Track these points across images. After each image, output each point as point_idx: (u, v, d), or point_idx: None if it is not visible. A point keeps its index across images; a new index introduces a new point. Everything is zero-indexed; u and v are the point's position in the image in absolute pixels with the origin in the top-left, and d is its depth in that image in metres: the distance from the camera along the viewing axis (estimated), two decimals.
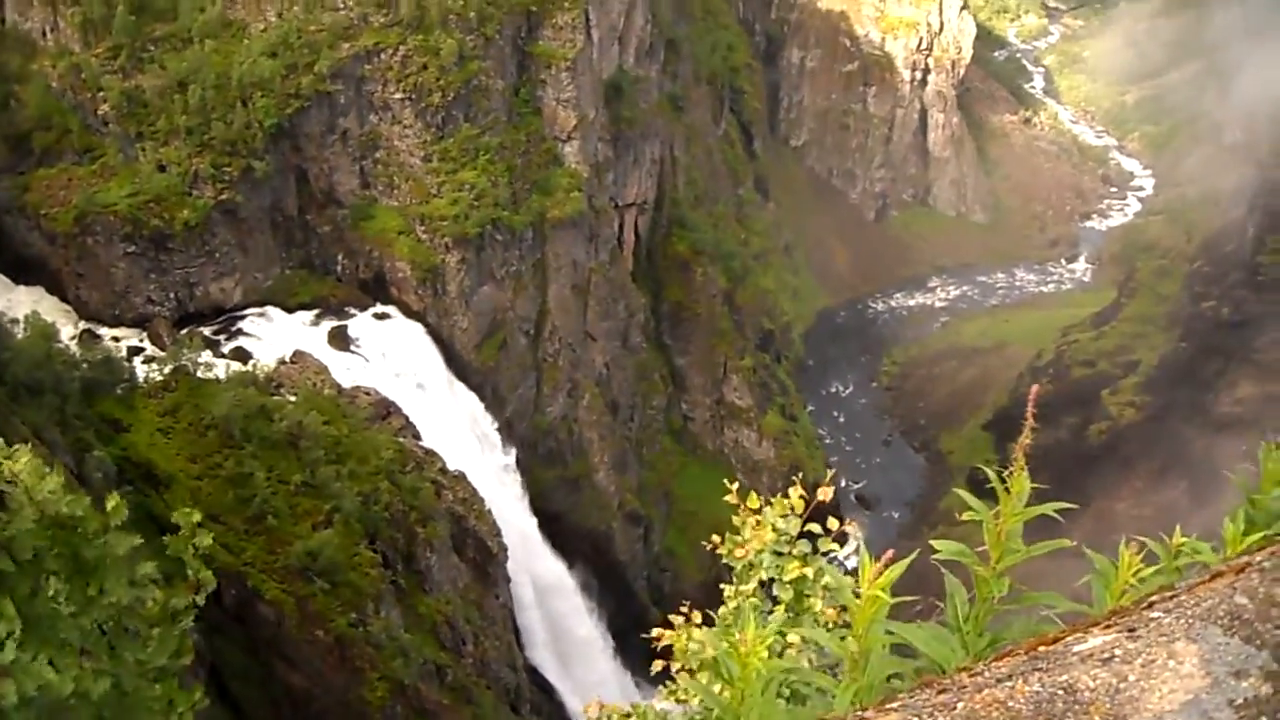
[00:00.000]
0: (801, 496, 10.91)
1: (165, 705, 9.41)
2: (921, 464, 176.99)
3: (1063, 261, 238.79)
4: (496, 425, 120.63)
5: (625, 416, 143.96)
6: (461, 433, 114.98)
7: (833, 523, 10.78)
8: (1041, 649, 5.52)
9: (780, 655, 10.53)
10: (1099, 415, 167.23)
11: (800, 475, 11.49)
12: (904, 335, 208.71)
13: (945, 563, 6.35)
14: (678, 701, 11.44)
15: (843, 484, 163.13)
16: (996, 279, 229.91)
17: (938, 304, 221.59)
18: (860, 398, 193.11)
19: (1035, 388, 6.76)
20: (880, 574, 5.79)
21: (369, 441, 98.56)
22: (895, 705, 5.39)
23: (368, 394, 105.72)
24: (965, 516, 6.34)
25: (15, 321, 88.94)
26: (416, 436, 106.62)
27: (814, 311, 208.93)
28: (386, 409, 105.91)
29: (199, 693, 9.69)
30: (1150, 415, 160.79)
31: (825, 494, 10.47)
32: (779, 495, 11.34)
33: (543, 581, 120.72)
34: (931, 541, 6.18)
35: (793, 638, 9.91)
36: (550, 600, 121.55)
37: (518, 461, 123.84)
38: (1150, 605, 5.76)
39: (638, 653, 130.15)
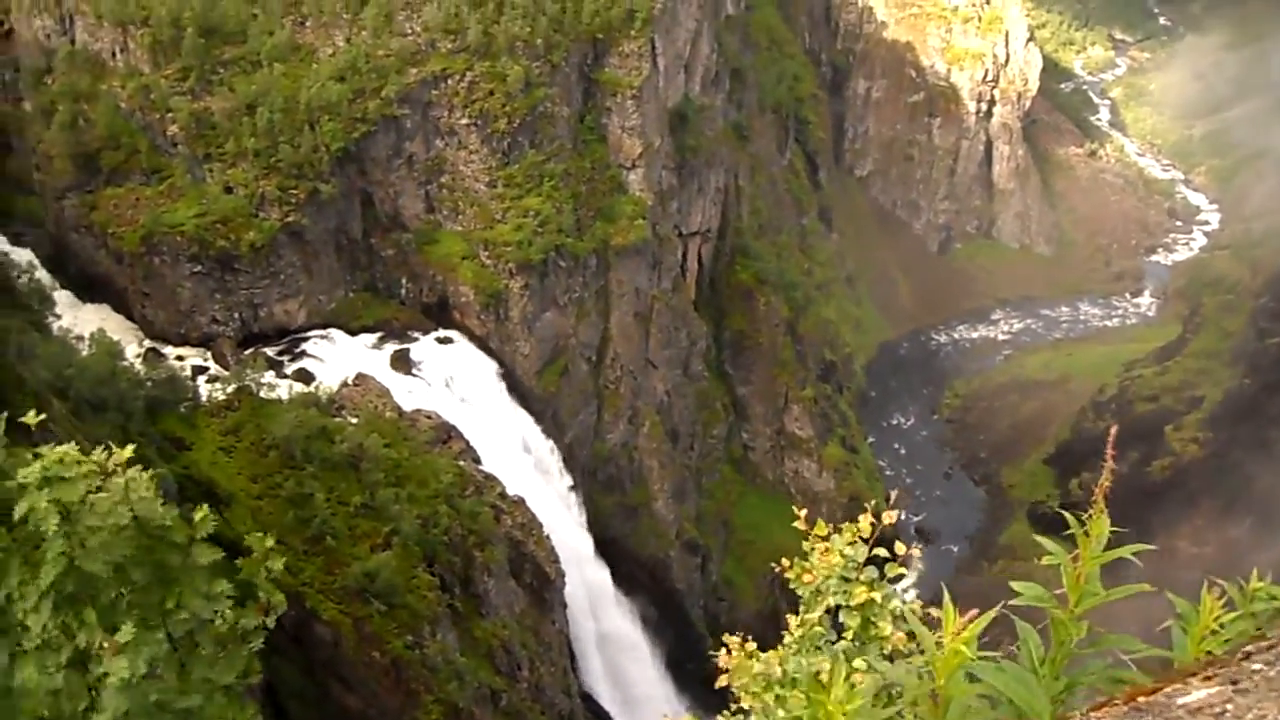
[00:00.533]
0: (871, 522, 10.76)
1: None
2: (982, 497, 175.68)
3: (1127, 295, 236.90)
4: (556, 451, 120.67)
5: (685, 445, 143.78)
6: (521, 458, 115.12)
7: (900, 547, 10.64)
8: (1141, 700, 5.35)
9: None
10: (1162, 451, 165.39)
11: (873, 502, 11.30)
12: (966, 368, 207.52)
13: (1017, 606, 6.22)
14: None
15: (903, 516, 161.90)
16: (1060, 312, 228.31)
17: (1000, 337, 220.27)
18: (921, 430, 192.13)
19: (1113, 429, 6.65)
20: (964, 629, 5.65)
21: (429, 465, 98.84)
22: None
23: (429, 417, 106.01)
24: (1045, 561, 6.20)
25: (81, 339, 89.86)
26: (476, 461, 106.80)
27: (876, 343, 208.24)
28: (447, 433, 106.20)
29: (253, 709, 9.73)
30: (1214, 451, 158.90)
31: (890, 518, 10.33)
32: (847, 522, 11.20)
33: (599, 608, 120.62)
34: (1012, 584, 6.05)
35: (858, 664, 9.77)
36: (607, 627, 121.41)
37: (577, 488, 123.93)
38: (1247, 655, 5.57)
39: (694, 682, 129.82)
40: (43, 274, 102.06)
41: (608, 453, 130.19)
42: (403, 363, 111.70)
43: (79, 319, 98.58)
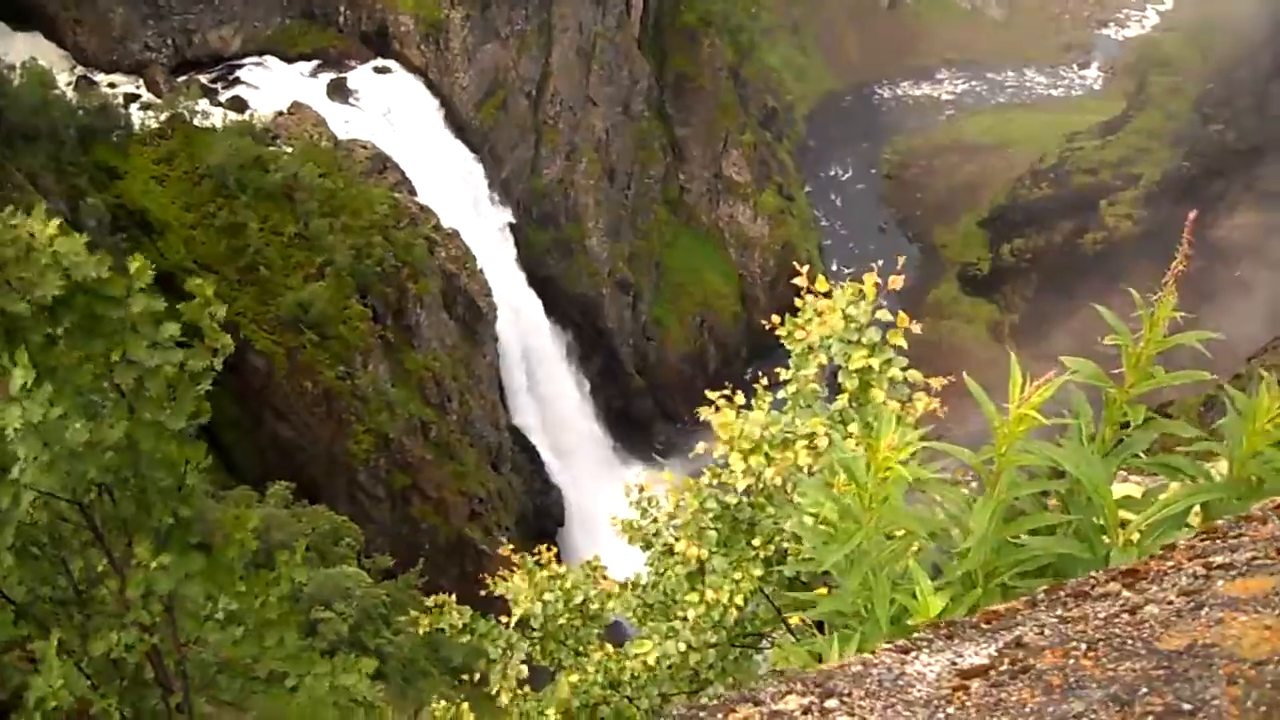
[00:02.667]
0: (876, 283, 10.79)
1: (172, 464, 9.73)
2: (915, 255, 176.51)
3: (1074, 67, 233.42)
4: (492, 184, 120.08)
5: (622, 184, 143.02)
6: (457, 190, 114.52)
7: (902, 318, 10.72)
8: None
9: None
10: (1095, 224, 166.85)
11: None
12: (907, 125, 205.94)
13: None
14: (721, 483, 11.33)
15: (834, 268, 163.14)
16: (1006, 77, 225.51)
17: (944, 97, 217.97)
18: (858, 183, 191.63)
19: (1193, 214, 6.57)
20: (1033, 395, 5.53)
21: (364, 195, 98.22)
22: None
23: (365, 147, 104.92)
24: (1109, 340, 6.24)
25: (12, 68, 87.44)
26: (412, 192, 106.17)
27: (819, 93, 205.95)
28: (383, 163, 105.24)
29: (202, 447, 9.99)
30: (1146, 230, 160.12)
31: (896, 282, 10.33)
32: (849, 280, 11.20)
33: (530, 342, 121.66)
34: (1063, 359, 6.10)
35: (853, 428, 9.72)
36: (536, 361, 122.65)
37: (512, 222, 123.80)
38: None
39: (621, 418, 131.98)
40: None
41: (544, 188, 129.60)
42: (339, 92, 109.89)
43: (10, 48, 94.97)
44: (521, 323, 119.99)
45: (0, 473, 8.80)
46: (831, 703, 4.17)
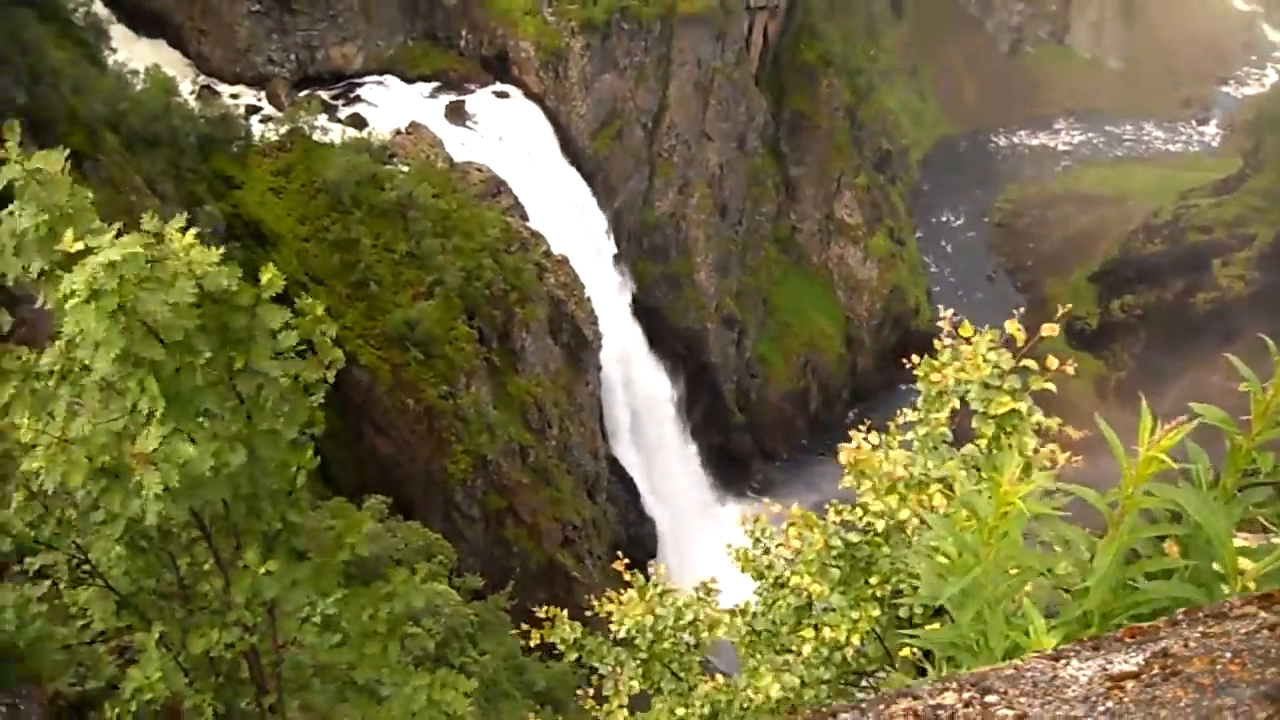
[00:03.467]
0: (1019, 329, 10.68)
1: (283, 467, 9.79)
2: (1023, 305, 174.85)
3: (1193, 122, 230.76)
4: (605, 214, 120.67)
5: (733, 220, 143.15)
6: (569, 218, 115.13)
7: (1052, 361, 10.59)
8: None
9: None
10: (1208, 284, 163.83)
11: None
12: (1022, 173, 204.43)
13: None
14: (843, 522, 11.29)
15: (942, 310, 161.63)
16: (1124, 129, 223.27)
17: (1061, 147, 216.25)
18: (969, 230, 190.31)
19: None
20: (1164, 437, 5.46)
21: (476, 218, 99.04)
22: None
23: (480, 170, 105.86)
24: (1243, 387, 6.15)
25: (136, 74, 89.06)
26: (524, 217, 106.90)
27: (934, 138, 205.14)
28: (497, 187, 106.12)
29: (309, 451, 10.06)
30: (1259, 291, 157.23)
31: (1051, 330, 10.16)
32: (989, 327, 11.11)
33: (633, 373, 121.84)
34: (1192, 405, 6.02)
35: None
36: (638, 393, 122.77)
37: (622, 252, 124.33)
38: None
39: (718, 455, 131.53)
40: (99, 7, 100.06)
41: (655, 221, 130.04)
42: (457, 114, 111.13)
43: (134, 54, 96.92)
44: (626, 353, 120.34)
45: (114, 477, 8.85)
46: (991, 698, 4.44)
